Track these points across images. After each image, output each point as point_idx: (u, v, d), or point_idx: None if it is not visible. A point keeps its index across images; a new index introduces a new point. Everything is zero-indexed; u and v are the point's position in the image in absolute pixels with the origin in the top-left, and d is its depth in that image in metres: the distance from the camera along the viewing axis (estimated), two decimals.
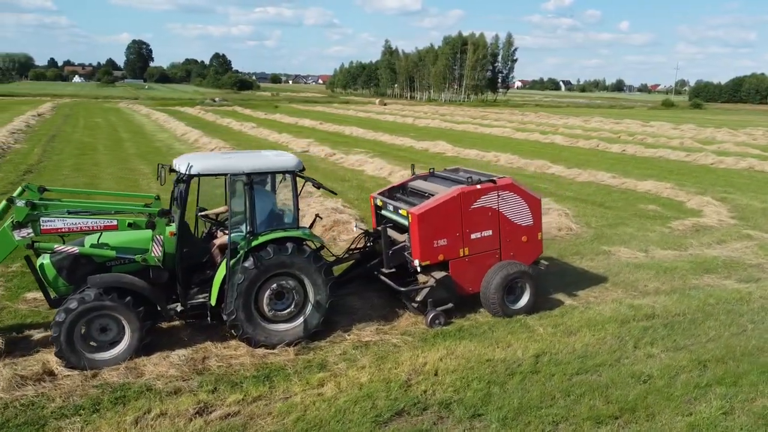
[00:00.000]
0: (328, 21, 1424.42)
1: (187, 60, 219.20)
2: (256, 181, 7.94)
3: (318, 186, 8.23)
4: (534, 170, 24.86)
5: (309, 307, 7.82)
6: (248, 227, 7.48)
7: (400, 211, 8.79)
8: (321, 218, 9.64)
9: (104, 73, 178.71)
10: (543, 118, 63.25)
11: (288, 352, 7.56)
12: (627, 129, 50.11)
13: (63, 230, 7.05)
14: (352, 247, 9.58)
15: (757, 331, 8.51)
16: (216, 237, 8.32)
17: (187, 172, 7.20)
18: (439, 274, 8.56)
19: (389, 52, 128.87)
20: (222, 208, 8.23)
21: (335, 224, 13.08)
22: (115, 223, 7.21)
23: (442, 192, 8.75)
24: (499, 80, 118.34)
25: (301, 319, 7.81)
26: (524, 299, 8.92)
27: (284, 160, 7.87)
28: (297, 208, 7.88)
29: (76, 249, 7.13)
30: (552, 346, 7.83)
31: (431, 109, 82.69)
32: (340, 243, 12.18)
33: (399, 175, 21.45)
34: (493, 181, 8.86)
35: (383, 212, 9.45)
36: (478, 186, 8.69)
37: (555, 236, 13.76)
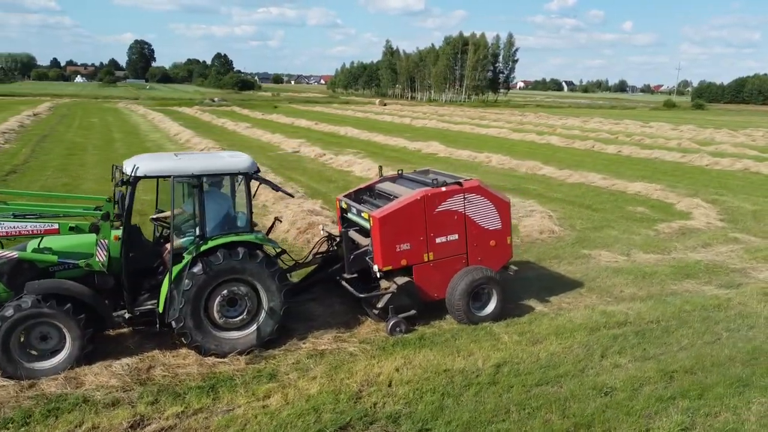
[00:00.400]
0: (331, 21, 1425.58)
1: (189, 60, 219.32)
2: (211, 183, 7.70)
3: (275, 188, 7.95)
4: (525, 171, 24.55)
5: (263, 315, 7.54)
6: (198, 231, 7.21)
7: (362, 214, 8.51)
8: (281, 221, 9.34)
9: (106, 73, 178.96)
10: (542, 119, 62.88)
11: (239, 360, 7.29)
12: (625, 130, 49.73)
13: (1, 234, 6.79)
14: (316, 251, 9.29)
15: (732, 340, 8.20)
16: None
17: (132, 174, 6.93)
18: (401, 280, 8.27)
19: (390, 53, 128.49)
20: (176, 211, 7.95)
21: (310, 227, 12.80)
22: (56, 227, 6.94)
23: (406, 194, 8.46)
24: (500, 81, 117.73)
25: (254, 327, 7.53)
26: (491, 306, 8.62)
27: (236, 161, 7.58)
28: (251, 212, 7.60)
29: (15, 254, 6.86)
30: (515, 356, 7.53)
31: (431, 109, 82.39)
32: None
33: None
34: (460, 184, 8.56)
35: (348, 215, 9.17)
36: (443, 188, 8.40)
37: (536, 239, 13.46)
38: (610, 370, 7.27)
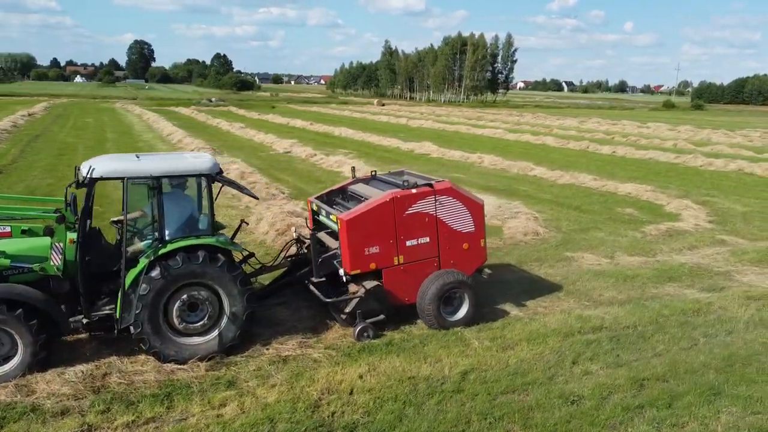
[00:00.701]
0: (331, 21, 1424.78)
1: (188, 60, 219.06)
2: (173, 184, 7.52)
3: (239, 190, 7.76)
4: (517, 172, 24.34)
5: (224, 320, 7.35)
6: (156, 234, 7.02)
7: (331, 217, 8.32)
8: (248, 224, 9.13)
9: (105, 73, 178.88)
10: (539, 119, 62.65)
11: (199, 367, 7.09)
12: (622, 130, 49.51)
13: None
14: (285, 254, 9.09)
15: (708, 346, 8.00)
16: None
17: (88, 176, 6.74)
18: (369, 284, 8.07)
19: (389, 53, 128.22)
20: (136, 213, 7.75)
21: (290, 228, 12.58)
22: (8, 229, 6.75)
23: (375, 196, 8.27)
24: (499, 81, 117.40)
25: (215, 332, 7.34)
26: (463, 311, 8.42)
27: (197, 162, 7.39)
28: (212, 214, 7.41)
29: None
30: (484, 362, 7.34)
31: (428, 109, 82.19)
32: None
33: None
34: (431, 185, 8.37)
35: (320, 217, 8.98)
36: (413, 190, 8.20)
37: (520, 241, 13.26)
38: (580, 377, 7.07)
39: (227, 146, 31.39)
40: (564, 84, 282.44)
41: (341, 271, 7.93)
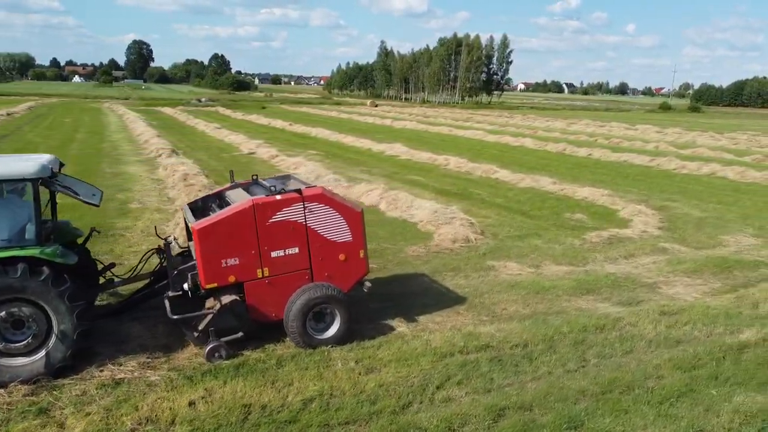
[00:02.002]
0: (333, 22, 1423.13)
1: (187, 60, 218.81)
2: (8, 190, 6.88)
3: (74, 196, 7.08)
4: (480, 174, 23.66)
5: (53, 339, 6.68)
6: None
7: (190, 225, 7.66)
8: (99, 232, 8.49)
9: (103, 73, 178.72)
10: (528, 121, 61.96)
11: (19, 390, 6.44)
12: (608, 132, 48.76)
13: None
14: (143, 265, 8.31)
15: (597, 368, 7.31)
16: None
17: None
18: (227, 299, 7.40)
19: (385, 53, 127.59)
20: None
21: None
22: None
23: (235, 203, 7.61)
24: (494, 82, 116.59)
25: (42, 353, 6.68)
26: (334, 328, 7.73)
27: (19, 166, 6.72)
28: (39, 222, 6.74)
29: None
30: (338, 387, 6.66)
31: (420, 111, 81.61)
32: None
33: (326, 179, 20.37)
34: (299, 192, 7.69)
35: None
36: (278, 197, 7.53)
37: (445, 249, 12.57)
38: (438, 405, 6.39)
39: (193, 146, 30.82)
40: (564, 86, 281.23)
41: (186, 285, 7.27)
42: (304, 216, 7.66)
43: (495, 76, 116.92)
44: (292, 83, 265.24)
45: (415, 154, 28.85)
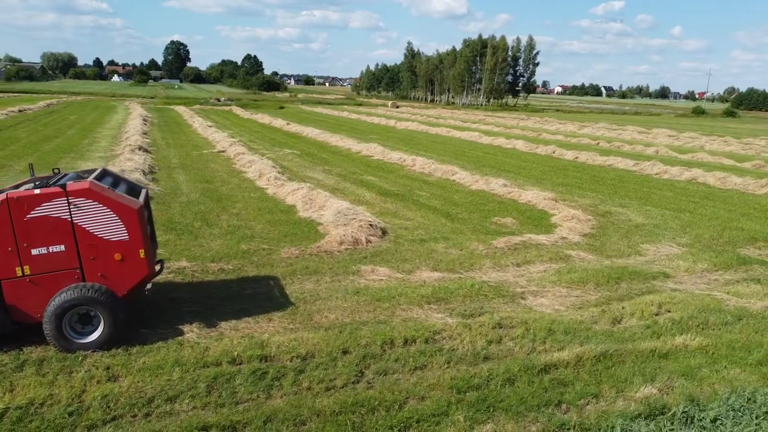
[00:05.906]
0: (373, 24, 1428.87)
1: (223, 61, 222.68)
2: None
3: None
4: (439, 176, 22.89)
5: None
6: None
7: None
8: None
9: (139, 72, 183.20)
10: (540, 124, 60.53)
11: None
12: (618, 137, 47.04)
13: None
14: None
15: (362, 386, 6.60)
16: None
17: None
18: None
19: (411, 54, 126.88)
20: None
21: None
22: None
23: None
24: (520, 84, 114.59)
25: None
26: (97, 332, 7.23)
27: None
28: None
29: None
30: (53, 396, 6.13)
31: (436, 112, 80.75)
32: None
33: (267, 177, 19.95)
34: (63, 186, 7.22)
35: None
36: (36, 191, 7.08)
37: (325, 251, 11.92)
38: (151, 420, 5.80)
39: (171, 144, 30.89)
40: (603, 89, 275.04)
41: None
42: (70, 212, 7.17)
43: (521, 78, 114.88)
44: (327, 84, 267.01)
45: (387, 155, 28.20)
